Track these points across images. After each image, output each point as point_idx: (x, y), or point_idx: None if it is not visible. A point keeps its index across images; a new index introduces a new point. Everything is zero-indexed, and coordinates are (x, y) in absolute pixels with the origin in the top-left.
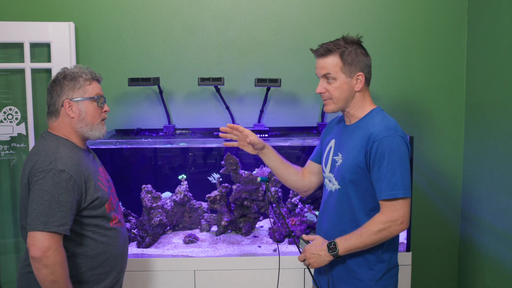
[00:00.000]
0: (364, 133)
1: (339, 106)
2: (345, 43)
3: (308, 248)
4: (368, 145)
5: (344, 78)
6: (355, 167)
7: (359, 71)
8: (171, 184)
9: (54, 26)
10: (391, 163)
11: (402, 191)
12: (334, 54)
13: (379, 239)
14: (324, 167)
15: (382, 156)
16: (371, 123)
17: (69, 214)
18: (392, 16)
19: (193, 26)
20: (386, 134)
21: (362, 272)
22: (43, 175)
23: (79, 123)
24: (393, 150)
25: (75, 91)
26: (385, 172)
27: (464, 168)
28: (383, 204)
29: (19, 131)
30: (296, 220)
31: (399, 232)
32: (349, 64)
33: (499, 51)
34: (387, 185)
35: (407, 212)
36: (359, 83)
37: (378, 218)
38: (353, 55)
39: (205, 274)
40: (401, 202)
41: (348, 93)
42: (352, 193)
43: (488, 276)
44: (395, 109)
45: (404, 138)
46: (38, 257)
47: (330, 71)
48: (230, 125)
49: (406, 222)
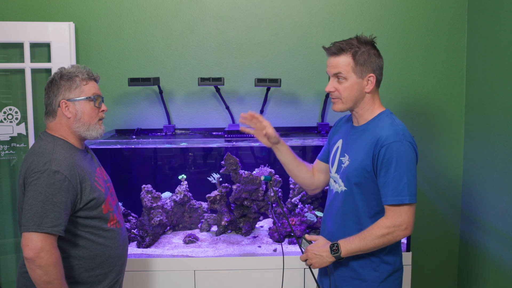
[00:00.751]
0: (372, 137)
1: (347, 106)
2: (358, 43)
3: (311, 248)
4: (376, 149)
5: (355, 78)
6: (362, 170)
7: (370, 72)
8: (171, 184)
9: (54, 26)
10: (398, 169)
11: (408, 197)
12: (346, 53)
13: (382, 243)
14: (330, 167)
15: (389, 161)
16: (380, 126)
17: (63, 215)
18: (392, 16)
19: (193, 26)
20: (395, 139)
21: (366, 273)
22: (37, 176)
23: (75, 123)
24: (401, 156)
25: (72, 91)
26: (392, 177)
27: (464, 168)
28: (388, 209)
29: (19, 131)
30: (296, 220)
31: (402, 237)
32: (361, 65)
33: (499, 51)
34: (393, 190)
35: (412, 218)
36: (370, 84)
37: (382, 222)
38: (365, 55)
39: (205, 274)
40: (406, 208)
41: (358, 94)
42: (357, 196)
43: (488, 276)
44: (395, 109)
45: (412, 143)
46: (31, 258)
47: (341, 71)
48: (251, 113)
49: (410, 228)
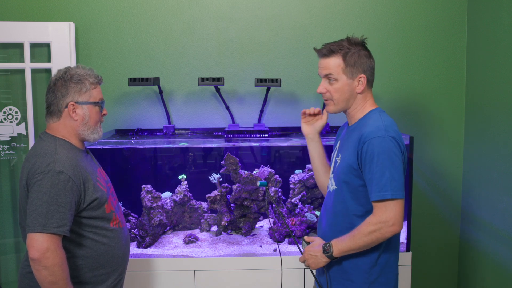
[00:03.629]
0: (357, 134)
1: (339, 108)
2: (348, 44)
3: (307, 249)
4: (359, 146)
5: (345, 79)
6: (349, 168)
7: (361, 73)
8: (171, 184)
9: (54, 26)
10: (379, 164)
11: (391, 192)
12: (336, 55)
13: (371, 241)
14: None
15: (371, 157)
16: (364, 123)
17: (68, 215)
18: (392, 16)
19: (193, 26)
20: (376, 134)
21: (355, 274)
22: (41, 176)
23: (82, 127)
24: (383, 151)
25: (81, 95)
26: (374, 173)
27: (464, 168)
28: (375, 205)
29: (19, 131)
30: (296, 220)
31: (391, 234)
32: (351, 66)
33: (499, 51)
34: (376, 186)
35: (399, 214)
36: (361, 85)
37: (369, 219)
38: (356, 57)
39: (205, 274)
40: (391, 203)
41: (349, 95)
42: (346, 194)
43: (488, 276)
44: (395, 109)
45: (395, 138)
46: (37, 258)
47: (332, 72)
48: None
49: (397, 224)
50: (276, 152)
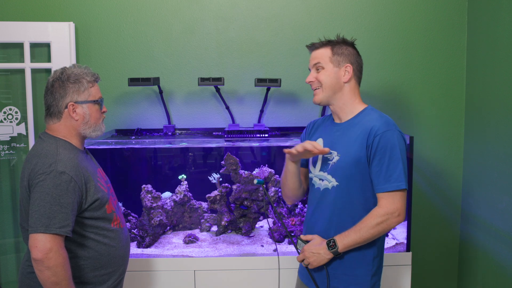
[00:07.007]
0: (363, 129)
1: (326, 95)
2: (338, 39)
3: (307, 247)
4: (370, 139)
5: (332, 67)
6: (356, 162)
7: (347, 62)
8: (171, 184)
9: (54, 26)
10: (393, 157)
11: (404, 183)
12: (326, 47)
13: (378, 232)
14: (312, 167)
15: (384, 150)
16: (368, 119)
17: (71, 215)
18: (392, 16)
19: (193, 26)
20: (387, 128)
21: (359, 267)
22: (43, 177)
23: (83, 126)
24: (395, 144)
25: (80, 94)
26: (387, 165)
27: (464, 168)
28: (382, 196)
29: (19, 131)
30: (296, 220)
31: (396, 224)
32: (338, 55)
33: (499, 51)
34: (390, 177)
35: (404, 204)
36: (347, 74)
37: (375, 211)
38: (343, 48)
39: (205, 274)
40: (399, 194)
41: (336, 82)
42: (352, 189)
43: (488, 276)
44: (395, 109)
45: (401, 133)
46: (40, 259)
47: (319, 61)
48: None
49: (402, 215)
50: (276, 152)
